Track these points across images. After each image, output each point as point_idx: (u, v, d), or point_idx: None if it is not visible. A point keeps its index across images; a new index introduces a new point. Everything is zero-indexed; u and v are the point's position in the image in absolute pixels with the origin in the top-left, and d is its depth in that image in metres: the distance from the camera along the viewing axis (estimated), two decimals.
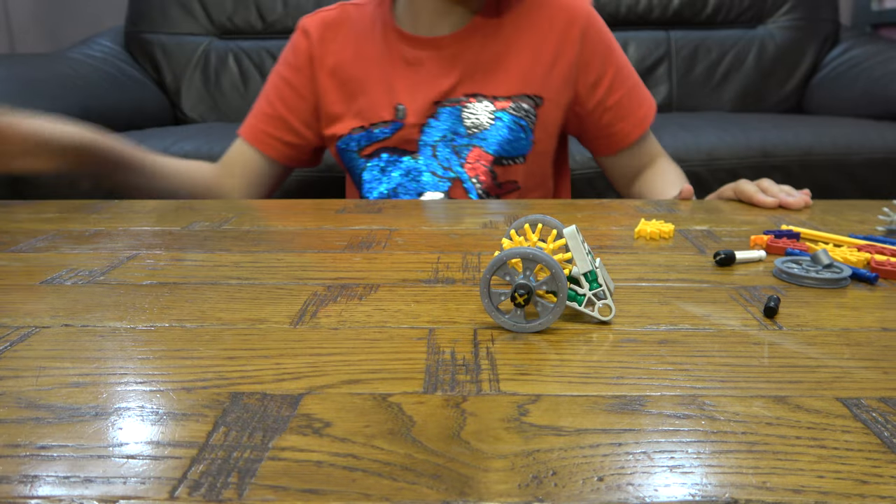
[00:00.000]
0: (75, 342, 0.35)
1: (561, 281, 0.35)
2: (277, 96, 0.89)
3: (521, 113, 0.84)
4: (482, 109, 0.84)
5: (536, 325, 0.36)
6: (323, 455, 0.25)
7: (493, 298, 0.36)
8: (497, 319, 0.36)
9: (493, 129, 0.84)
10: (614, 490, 0.23)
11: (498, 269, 0.36)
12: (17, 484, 0.23)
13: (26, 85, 1.62)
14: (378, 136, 0.85)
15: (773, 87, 2.05)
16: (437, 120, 0.84)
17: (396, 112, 0.84)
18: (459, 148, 0.85)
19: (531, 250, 0.35)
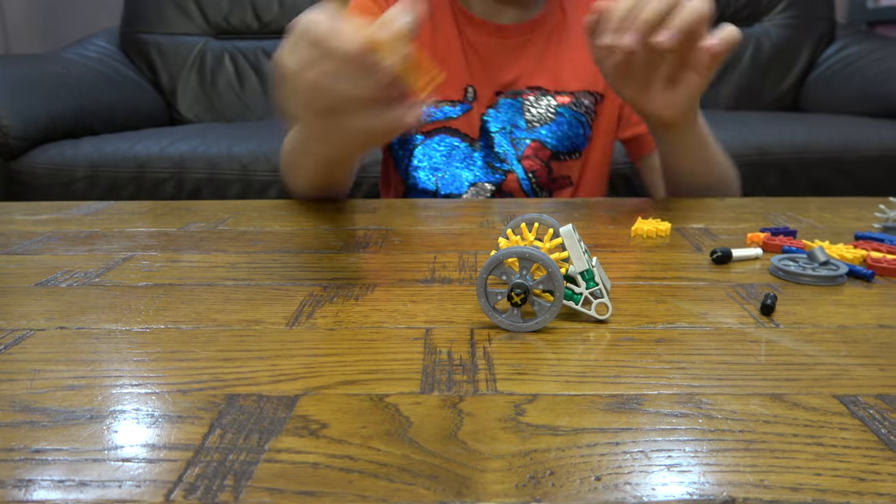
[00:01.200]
0: (70, 344, 0.35)
1: (557, 280, 0.35)
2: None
3: (581, 109, 0.84)
4: (543, 103, 0.83)
5: (533, 325, 0.36)
6: (319, 457, 0.24)
7: (490, 298, 0.36)
8: (494, 319, 0.36)
9: (553, 124, 0.83)
10: (612, 489, 0.23)
11: (494, 269, 0.36)
12: (12, 488, 0.23)
13: (21, 85, 1.61)
14: (443, 115, 0.84)
15: (769, 85, 2.05)
16: (497, 111, 0.84)
17: (465, 93, 0.83)
18: (518, 141, 0.84)
19: (527, 249, 0.35)
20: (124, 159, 1.52)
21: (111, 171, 1.51)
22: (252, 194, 1.49)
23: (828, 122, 1.59)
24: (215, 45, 2.15)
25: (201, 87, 2.12)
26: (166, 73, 2.12)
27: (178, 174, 1.50)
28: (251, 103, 2.11)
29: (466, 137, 0.84)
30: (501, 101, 0.84)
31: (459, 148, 0.84)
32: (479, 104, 0.84)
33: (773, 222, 0.61)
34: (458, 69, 0.83)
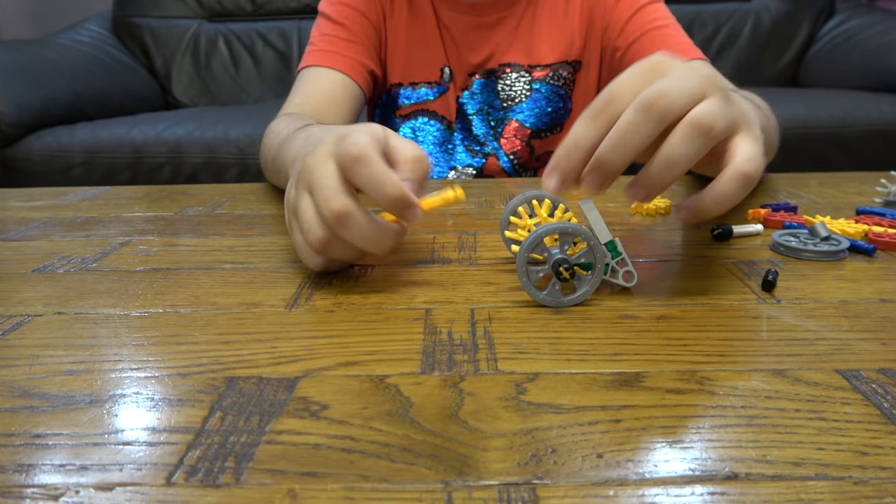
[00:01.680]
0: (69, 330, 0.34)
1: (599, 251, 0.36)
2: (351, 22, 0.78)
3: (559, 81, 0.81)
4: (518, 80, 0.81)
5: (577, 297, 0.36)
6: (320, 437, 0.24)
7: (532, 276, 0.36)
8: (536, 297, 0.36)
9: (530, 101, 0.81)
10: (614, 466, 0.22)
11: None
12: (13, 473, 0.23)
13: (14, 72, 1.60)
14: (420, 97, 0.82)
15: (768, 61, 2.03)
16: (472, 92, 0.82)
17: (442, 74, 0.81)
18: (495, 122, 0.82)
19: (568, 224, 0.35)
20: (120, 144, 1.51)
21: (107, 156, 1.50)
22: (249, 178, 1.48)
23: (827, 97, 1.58)
24: (209, 28, 2.13)
25: (196, 70, 2.10)
26: (160, 56, 2.10)
27: (174, 159, 1.50)
28: (246, 86, 2.10)
29: (444, 120, 0.83)
30: (476, 81, 0.82)
31: (438, 131, 0.83)
32: (454, 86, 0.82)
33: (774, 198, 0.60)
34: (434, 49, 0.81)
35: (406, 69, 0.82)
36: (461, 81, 0.82)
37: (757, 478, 0.22)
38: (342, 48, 0.77)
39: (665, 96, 0.33)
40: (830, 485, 0.21)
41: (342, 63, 0.76)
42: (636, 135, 0.33)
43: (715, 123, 0.33)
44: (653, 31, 0.76)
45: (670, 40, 0.75)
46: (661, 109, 0.33)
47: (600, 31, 0.80)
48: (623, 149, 0.34)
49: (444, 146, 0.83)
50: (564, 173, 0.36)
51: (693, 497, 0.21)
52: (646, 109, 0.33)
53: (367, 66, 0.78)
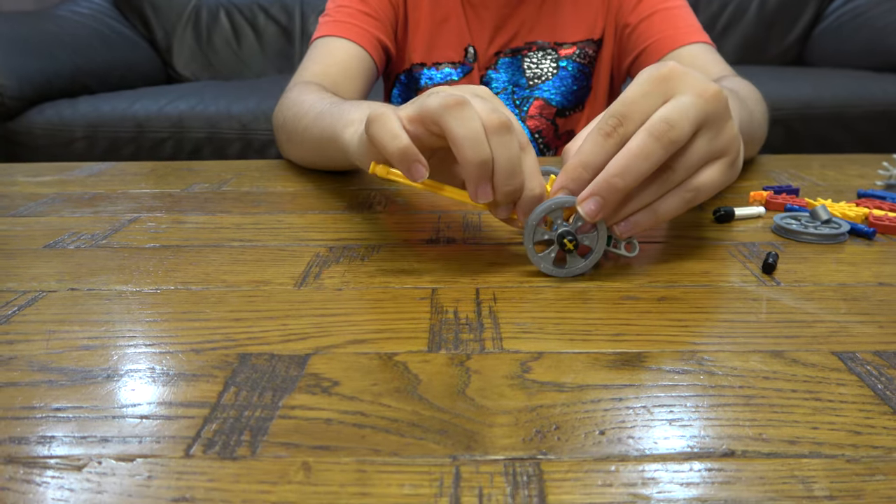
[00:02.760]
0: (82, 306, 0.35)
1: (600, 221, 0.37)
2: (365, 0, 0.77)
3: (585, 60, 0.81)
4: (545, 58, 0.81)
5: (587, 264, 0.38)
6: (332, 413, 0.25)
7: (547, 259, 0.38)
8: (551, 272, 0.38)
9: (556, 79, 0.81)
10: (615, 443, 0.23)
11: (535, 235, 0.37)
12: (35, 444, 0.24)
13: (14, 44, 1.59)
14: (444, 77, 0.82)
15: (774, 39, 2.02)
16: (497, 72, 0.82)
17: (466, 54, 0.81)
18: (520, 100, 0.82)
19: (553, 201, 0.37)
20: (123, 119, 1.50)
21: (110, 130, 1.50)
22: (252, 154, 1.48)
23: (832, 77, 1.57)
24: (210, 1, 2.11)
25: (197, 44, 2.09)
26: (161, 29, 2.08)
27: (177, 133, 1.49)
28: (248, 60, 2.08)
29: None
30: (501, 59, 0.82)
31: None
32: (478, 65, 0.82)
33: (776, 180, 0.61)
34: (459, 28, 0.81)
35: (429, 49, 0.81)
36: (485, 61, 0.82)
37: (753, 455, 0.23)
38: (359, 20, 0.76)
39: (676, 127, 0.34)
40: (824, 462, 0.22)
41: (359, 35, 0.75)
42: (647, 161, 0.34)
43: (704, 194, 0.37)
44: (663, 11, 0.76)
45: (678, 21, 0.75)
46: (671, 140, 0.34)
47: (615, 9, 0.80)
48: (633, 174, 0.35)
49: None
50: (573, 193, 0.37)
51: (691, 473, 0.22)
52: (658, 137, 0.34)
53: (382, 41, 0.77)
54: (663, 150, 0.34)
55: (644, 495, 0.21)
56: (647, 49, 0.76)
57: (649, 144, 0.34)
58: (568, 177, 0.37)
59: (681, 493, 0.21)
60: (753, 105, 0.61)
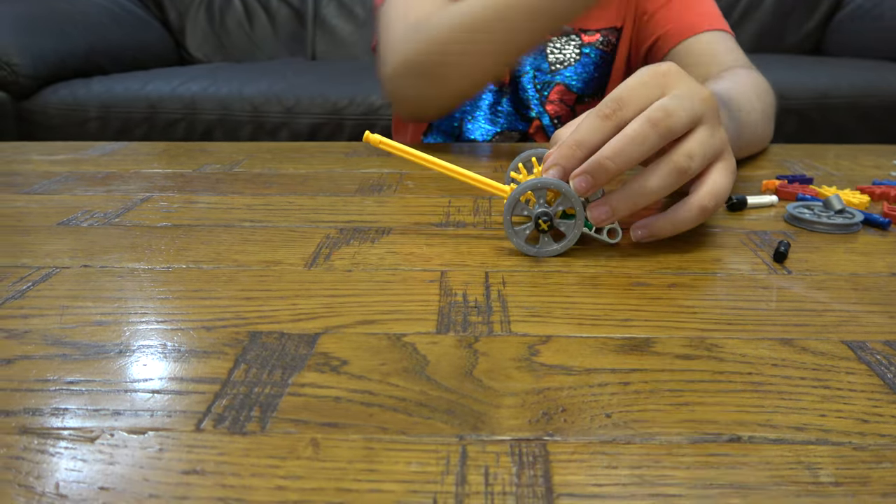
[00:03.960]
0: (95, 282, 0.36)
1: (573, 195, 0.37)
2: None
3: (608, 47, 0.80)
4: (568, 44, 0.80)
5: (557, 249, 0.39)
6: (341, 391, 0.26)
7: (520, 235, 0.39)
8: (520, 247, 0.39)
9: (578, 65, 0.81)
10: (622, 426, 0.23)
11: (515, 208, 0.38)
12: (49, 416, 0.24)
13: (28, 23, 1.59)
14: None
15: (792, 28, 1.99)
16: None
17: None
18: (542, 85, 0.81)
19: (538, 179, 0.38)
20: (135, 99, 1.51)
21: (123, 111, 1.50)
22: (264, 136, 1.48)
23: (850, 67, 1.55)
24: None
25: (210, 25, 2.09)
26: (174, 10, 2.08)
27: (189, 115, 1.50)
28: (261, 42, 2.08)
29: (499, 82, 0.82)
30: None
31: (492, 94, 0.82)
32: None
33: (789, 169, 0.60)
34: None
35: None
36: None
37: (759, 441, 0.23)
38: None
39: (673, 116, 0.36)
40: (830, 449, 0.22)
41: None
42: (641, 146, 0.36)
43: (690, 166, 0.36)
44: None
45: (697, 7, 0.74)
46: (667, 127, 0.36)
47: None
48: (626, 157, 0.36)
49: (494, 109, 0.83)
50: (565, 170, 0.38)
51: (697, 457, 0.22)
52: (654, 123, 0.36)
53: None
54: (658, 136, 0.36)
55: (649, 478, 0.21)
56: (664, 36, 0.75)
57: (646, 130, 0.35)
58: (561, 153, 0.37)
59: (686, 476, 0.21)
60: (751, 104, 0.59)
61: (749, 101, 0.59)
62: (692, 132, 0.37)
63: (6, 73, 1.49)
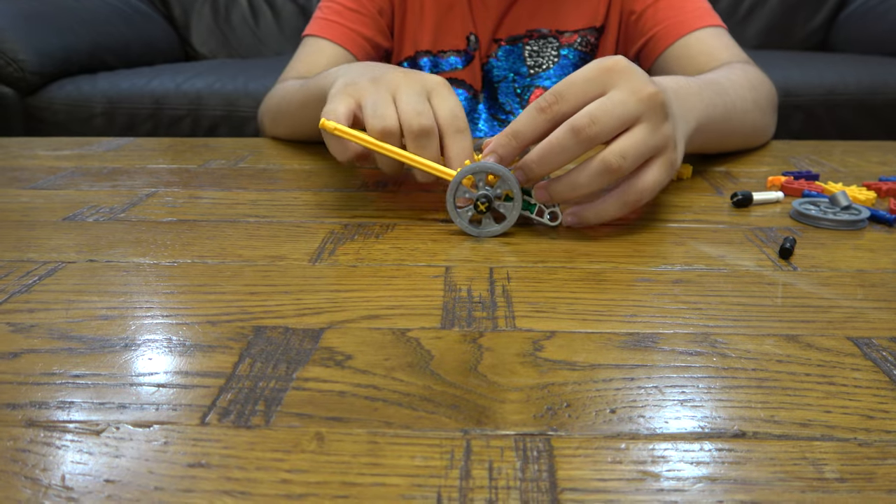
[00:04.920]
0: (101, 277, 0.36)
1: (510, 179, 0.40)
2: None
3: (587, 48, 0.80)
4: (546, 46, 0.80)
5: (498, 229, 0.42)
6: (345, 386, 0.26)
7: (463, 216, 0.42)
8: (464, 228, 0.42)
9: (557, 68, 0.80)
10: (626, 422, 0.23)
11: (458, 192, 0.41)
12: (55, 409, 0.24)
13: (35, 19, 1.60)
14: (449, 66, 0.81)
15: (798, 23, 1.98)
16: (497, 59, 0.81)
17: (468, 42, 0.80)
18: (521, 89, 0.81)
19: (475, 164, 0.40)
20: (141, 95, 1.51)
21: (128, 107, 1.51)
22: None
23: (857, 63, 1.54)
24: None
25: (215, 21, 2.09)
26: (179, 6, 2.08)
27: (194, 111, 1.50)
28: (266, 38, 2.08)
29: (471, 89, 0.82)
30: (501, 48, 0.81)
31: (465, 101, 0.81)
32: (480, 53, 0.81)
33: (795, 166, 0.60)
34: (462, 16, 0.80)
35: (434, 37, 0.80)
36: (486, 49, 0.81)
37: (764, 436, 0.23)
38: (348, 20, 0.76)
39: (597, 123, 0.37)
40: (835, 445, 0.22)
41: (346, 38, 0.76)
42: (561, 154, 0.39)
43: (622, 165, 0.38)
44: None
45: (687, 5, 0.73)
46: (588, 136, 0.38)
47: None
48: (547, 164, 0.39)
49: (470, 116, 0.83)
50: (500, 158, 0.41)
51: (701, 452, 0.22)
52: (576, 132, 0.38)
53: (372, 40, 0.77)
54: (579, 145, 0.38)
55: (654, 472, 0.21)
56: (655, 36, 0.75)
57: (567, 138, 0.38)
58: (498, 143, 0.41)
59: (690, 471, 0.21)
60: (742, 93, 0.59)
61: (739, 89, 0.59)
62: (629, 130, 0.38)
63: (13, 70, 1.49)
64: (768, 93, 0.66)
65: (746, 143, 0.65)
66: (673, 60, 0.72)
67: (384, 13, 0.79)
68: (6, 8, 1.57)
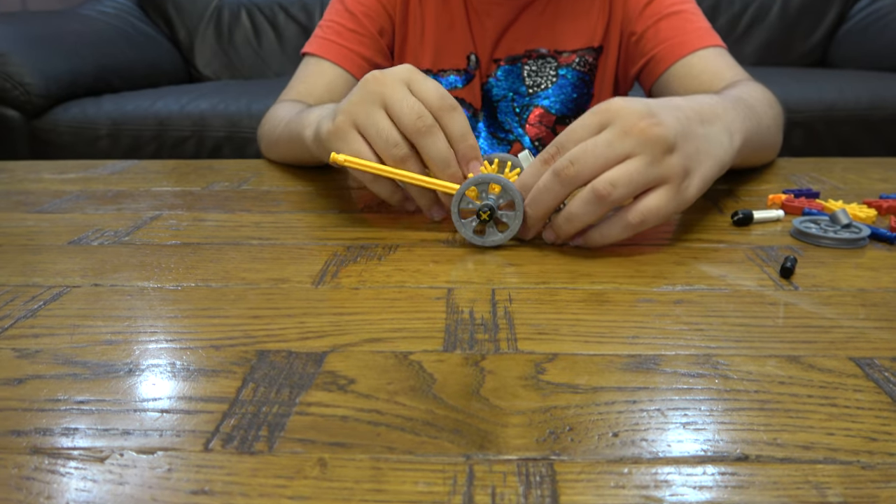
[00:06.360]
0: (106, 301, 0.36)
1: (512, 189, 0.41)
2: (363, 13, 0.78)
3: (585, 68, 0.81)
4: (544, 66, 0.81)
5: (501, 238, 0.43)
6: (348, 410, 0.26)
7: (467, 227, 0.43)
8: (469, 238, 0.43)
9: (556, 87, 0.81)
10: (629, 445, 0.23)
11: (461, 203, 0.42)
12: (59, 436, 0.24)
13: (41, 43, 1.62)
14: (449, 85, 0.82)
15: (797, 40, 1.99)
16: (497, 79, 0.82)
17: (468, 62, 0.81)
18: (520, 108, 0.82)
19: (480, 176, 0.42)
20: (145, 117, 1.52)
21: (133, 128, 1.52)
22: None
23: (856, 79, 1.55)
24: (232, 1, 2.13)
25: (218, 43, 2.11)
26: (183, 28, 2.11)
27: (198, 132, 1.51)
28: (268, 59, 2.10)
29: (471, 108, 0.83)
30: (501, 67, 0.81)
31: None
32: (480, 72, 0.82)
33: (796, 183, 0.60)
34: (463, 35, 0.81)
35: (434, 56, 0.81)
36: (486, 68, 0.82)
37: (767, 460, 0.23)
38: (348, 40, 0.77)
39: (577, 163, 0.39)
40: (838, 468, 0.22)
41: (346, 58, 0.77)
42: (546, 194, 0.41)
43: (611, 193, 0.39)
44: (670, 16, 0.75)
45: (686, 25, 0.74)
46: (568, 176, 0.39)
47: (620, 17, 0.79)
48: (536, 207, 0.41)
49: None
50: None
51: (704, 476, 0.22)
52: (557, 173, 0.40)
53: (371, 60, 0.78)
54: (561, 185, 0.40)
55: (657, 498, 0.21)
56: (656, 56, 0.75)
57: (549, 180, 0.40)
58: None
59: (694, 496, 0.21)
60: (765, 109, 0.60)
61: (761, 104, 0.60)
62: (622, 163, 0.39)
63: (19, 93, 1.51)
64: (779, 111, 0.66)
65: (766, 159, 0.65)
66: (675, 80, 0.73)
67: (384, 33, 0.79)
68: (12, 32, 1.59)
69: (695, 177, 0.42)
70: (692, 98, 0.47)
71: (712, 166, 0.43)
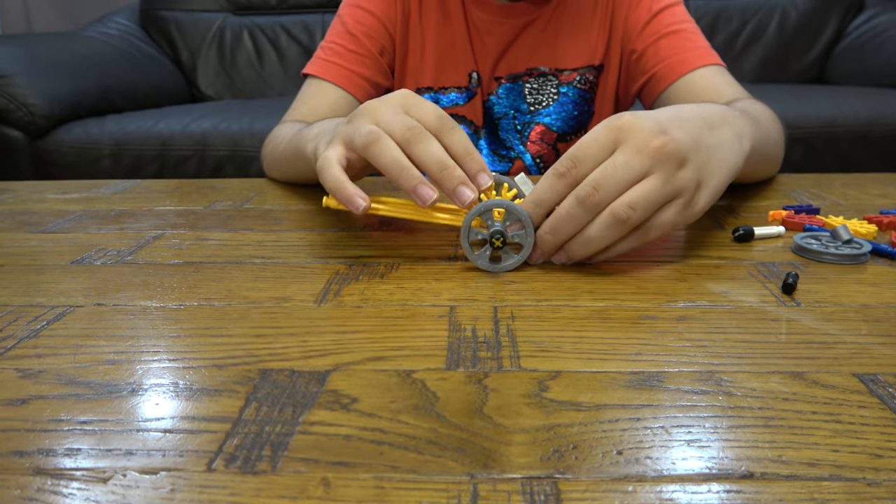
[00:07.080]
0: (109, 321, 0.36)
1: (517, 210, 0.41)
2: (364, 34, 0.79)
3: (585, 86, 0.81)
4: (545, 84, 0.82)
5: (517, 260, 0.42)
6: (351, 429, 0.26)
7: (482, 257, 0.42)
8: (486, 268, 0.42)
9: (557, 105, 0.82)
10: (633, 463, 0.23)
11: (469, 234, 0.42)
12: (62, 457, 0.24)
13: (45, 64, 1.63)
14: (450, 102, 0.82)
15: (794, 57, 2.01)
16: (498, 97, 0.82)
17: (470, 79, 0.81)
18: (522, 126, 0.83)
19: (483, 203, 0.41)
20: (147, 137, 1.53)
21: (135, 148, 1.53)
22: None
23: (855, 95, 1.56)
24: (234, 22, 2.15)
25: (221, 64, 2.13)
26: (186, 49, 2.13)
27: (200, 152, 1.52)
28: (270, 80, 2.12)
29: (472, 125, 0.83)
30: (502, 85, 0.82)
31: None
32: (482, 90, 0.82)
33: (796, 199, 0.60)
34: (464, 53, 0.81)
35: (436, 73, 0.82)
36: (487, 86, 0.83)
37: (772, 477, 0.23)
38: (349, 61, 0.78)
39: (599, 190, 0.39)
40: (844, 485, 0.22)
41: (347, 80, 0.77)
42: (571, 223, 0.40)
43: (630, 216, 0.39)
44: (669, 35, 0.76)
45: (686, 44, 0.75)
46: (593, 204, 0.39)
47: (620, 36, 0.80)
48: (560, 234, 0.41)
49: None
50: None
51: (709, 494, 0.22)
52: (581, 201, 0.39)
53: (371, 80, 0.79)
54: (586, 212, 0.39)
55: None
56: (657, 74, 0.76)
57: (574, 208, 0.40)
58: (526, 210, 0.42)
59: None
60: (769, 123, 0.60)
61: (767, 120, 0.60)
62: (639, 183, 0.39)
63: (23, 114, 1.52)
64: (782, 128, 0.67)
65: (769, 173, 0.66)
66: (677, 98, 0.73)
67: (385, 52, 0.80)
68: (16, 53, 1.60)
69: (706, 189, 0.42)
70: (699, 105, 0.47)
71: (723, 175, 0.43)
